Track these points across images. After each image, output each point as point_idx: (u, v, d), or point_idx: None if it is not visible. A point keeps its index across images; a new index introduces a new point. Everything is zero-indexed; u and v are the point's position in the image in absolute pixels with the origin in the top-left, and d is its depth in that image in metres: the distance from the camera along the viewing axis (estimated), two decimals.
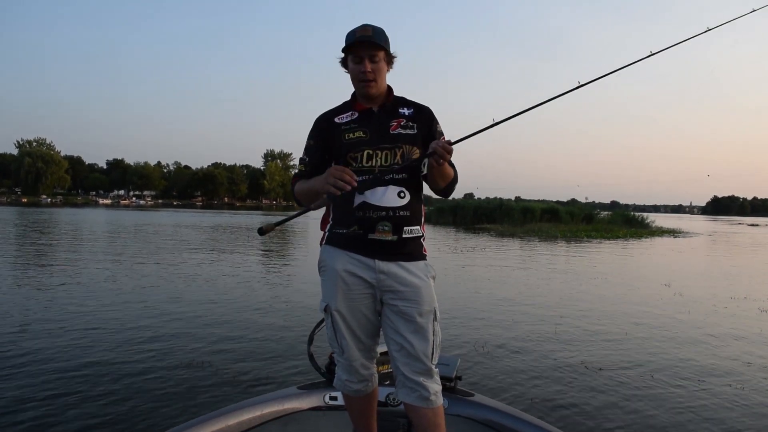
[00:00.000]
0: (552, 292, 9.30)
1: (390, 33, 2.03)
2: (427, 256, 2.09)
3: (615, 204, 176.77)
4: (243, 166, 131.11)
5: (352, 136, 2.02)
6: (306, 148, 2.12)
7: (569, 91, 2.21)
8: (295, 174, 2.15)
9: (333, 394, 2.52)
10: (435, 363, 2.03)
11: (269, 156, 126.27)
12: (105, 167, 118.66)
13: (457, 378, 2.63)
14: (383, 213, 1.97)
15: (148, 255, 13.66)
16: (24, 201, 78.99)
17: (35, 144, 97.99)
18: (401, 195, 2.00)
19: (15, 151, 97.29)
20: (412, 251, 2.03)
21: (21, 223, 27.03)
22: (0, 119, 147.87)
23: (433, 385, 2.02)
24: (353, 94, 2.11)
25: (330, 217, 2.11)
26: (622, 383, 4.47)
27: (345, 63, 2.06)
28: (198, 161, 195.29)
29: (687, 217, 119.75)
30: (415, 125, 2.06)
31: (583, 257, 16.67)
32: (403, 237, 2.00)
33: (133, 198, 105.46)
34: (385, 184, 1.98)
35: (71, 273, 10.03)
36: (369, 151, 2.00)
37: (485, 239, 23.89)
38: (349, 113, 2.07)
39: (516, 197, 64.69)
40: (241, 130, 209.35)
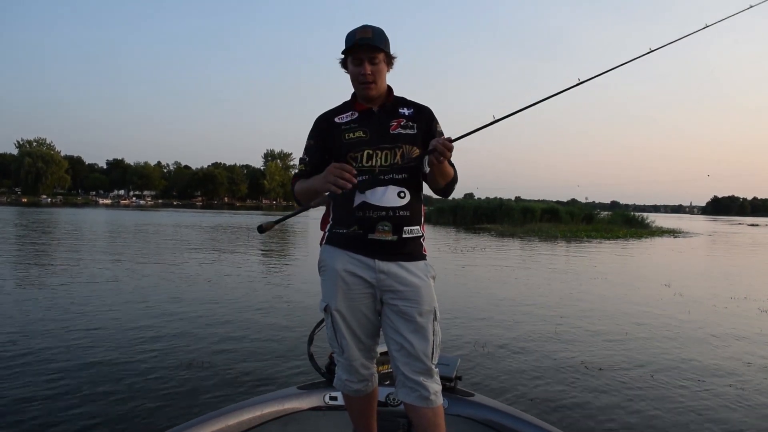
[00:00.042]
0: (552, 292, 9.30)
1: (390, 33, 2.03)
2: (427, 256, 2.09)
3: (615, 204, 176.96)
4: (243, 166, 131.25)
5: (352, 136, 2.02)
6: (306, 147, 2.12)
7: (570, 88, 2.21)
8: (295, 174, 2.15)
9: (333, 394, 2.52)
10: (435, 363, 2.03)
11: (269, 156, 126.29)
12: (105, 167, 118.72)
13: (457, 378, 2.63)
14: (383, 213, 1.97)
15: (148, 255, 13.66)
16: (24, 201, 78.98)
17: (35, 144, 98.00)
18: (401, 195, 2.00)
19: (15, 151, 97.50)
20: (412, 251, 2.03)
21: (21, 223, 27.02)
22: (0, 119, 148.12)
23: (433, 385, 2.02)
24: (353, 94, 2.11)
25: (330, 217, 2.11)
26: (622, 383, 4.47)
27: (345, 64, 2.06)
28: (198, 161, 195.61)
29: (687, 217, 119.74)
30: (415, 125, 2.06)
31: (583, 257, 16.67)
32: (403, 237, 2.00)
33: (133, 198, 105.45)
34: (385, 184, 1.98)
35: (71, 273, 10.03)
36: (369, 151, 2.00)
37: (485, 239, 23.89)
38: (350, 113, 2.07)
39: (516, 197, 64.80)
40: (241, 130, 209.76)
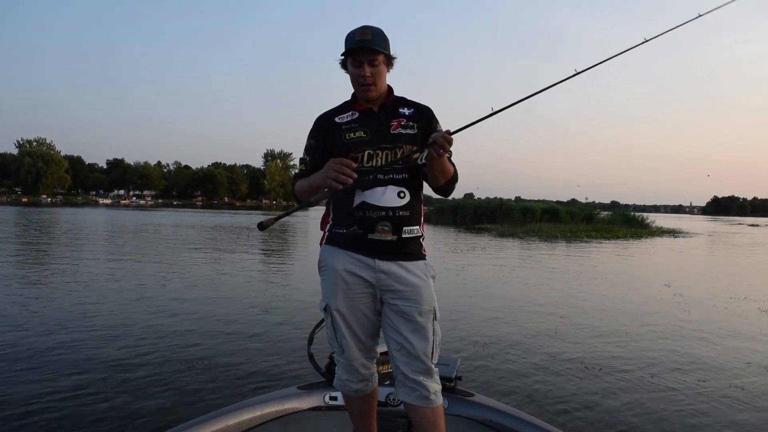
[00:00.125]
0: (552, 292, 9.30)
1: (390, 33, 2.03)
2: (427, 255, 2.09)
3: (615, 204, 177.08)
4: (243, 166, 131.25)
5: (352, 135, 2.02)
6: (306, 147, 2.12)
7: (567, 79, 2.19)
8: (296, 174, 2.15)
9: (333, 394, 2.52)
10: (435, 362, 2.03)
11: (269, 156, 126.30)
12: (105, 167, 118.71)
13: (457, 378, 2.63)
14: (383, 213, 1.97)
15: (148, 255, 13.66)
16: (24, 201, 79.02)
17: (35, 144, 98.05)
18: (401, 195, 2.00)
19: (15, 151, 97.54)
20: (411, 251, 2.04)
21: (21, 223, 27.03)
22: (0, 119, 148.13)
23: (433, 385, 2.02)
24: (353, 93, 2.11)
25: (330, 217, 2.12)
26: (622, 383, 4.47)
27: (345, 65, 2.06)
28: (198, 161, 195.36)
29: (687, 217, 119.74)
30: (416, 125, 2.06)
31: (583, 257, 16.67)
32: (403, 237, 2.00)
33: (133, 198, 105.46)
34: (385, 184, 1.99)
35: (71, 273, 10.03)
36: (370, 151, 2.00)
37: (485, 239, 23.89)
38: (350, 113, 2.07)
39: (516, 197, 64.87)
40: (241, 130, 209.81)
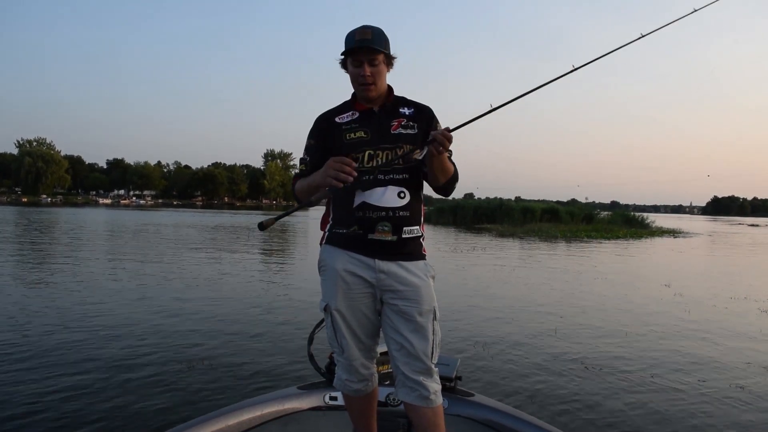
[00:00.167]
0: (552, 291, 9.30)
1: (390, 33, 2.03)
2: (427, 255, 2.09)
3: (615, 204, 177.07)
4: (243, 165, 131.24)
5: (353, 136, 2.02)
6: (306, 147, 2.12)
7: (565, 75, 2.18)
8: (296, 174, 2.15)
9: (333, 394, 2.52)
10: (435, 362, 2.03)
11: (269, 156, 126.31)
12: (105, 167, 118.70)
13: (457, 378, 2.63)
14: (383, 213, 1.97)
15: (149, 255, 13.66)
16: (24, 200, 79.00)
17: (35, 144, 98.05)
18: (401, 195, 2.00)
19: (15, 151, 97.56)
20: (411, 251, 2.04)
21: (22, 223, 27.02)
22: (0, 119, 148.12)
23: (433, 385, 2.02)
24: (353, 93, 2.11)
25: (330, 217, 2.12)
26: (623, 383, 4.47)
27: (344, 64, 2.06)
28: (198, 161, 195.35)
29: (687, 218, 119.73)
30: (416, 125, 2.06)
31: (584, 257, 16.67)
32: (403, 237, 2.00)
33: (133, 198, 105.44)
34: (385, 184, 1.98)
35: (72, 273, 10.03)
36: (370, 152, 2.00)
37: (485, 239, 23.89)
38: (350, 113, 2.07)
39: (516, 197, 64.87)
40: (241, 130, 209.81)
